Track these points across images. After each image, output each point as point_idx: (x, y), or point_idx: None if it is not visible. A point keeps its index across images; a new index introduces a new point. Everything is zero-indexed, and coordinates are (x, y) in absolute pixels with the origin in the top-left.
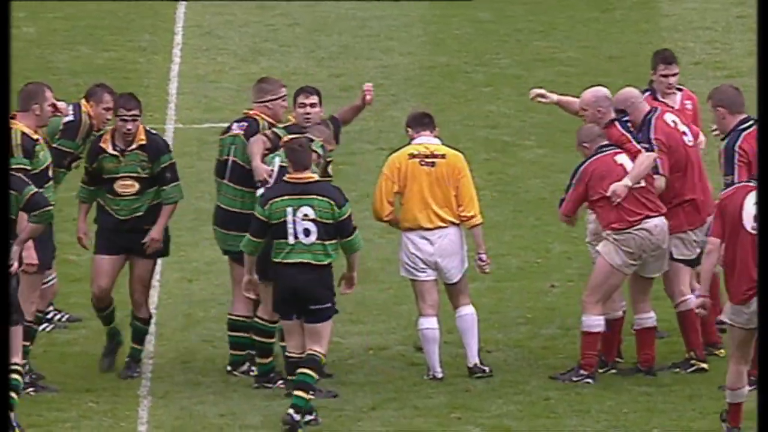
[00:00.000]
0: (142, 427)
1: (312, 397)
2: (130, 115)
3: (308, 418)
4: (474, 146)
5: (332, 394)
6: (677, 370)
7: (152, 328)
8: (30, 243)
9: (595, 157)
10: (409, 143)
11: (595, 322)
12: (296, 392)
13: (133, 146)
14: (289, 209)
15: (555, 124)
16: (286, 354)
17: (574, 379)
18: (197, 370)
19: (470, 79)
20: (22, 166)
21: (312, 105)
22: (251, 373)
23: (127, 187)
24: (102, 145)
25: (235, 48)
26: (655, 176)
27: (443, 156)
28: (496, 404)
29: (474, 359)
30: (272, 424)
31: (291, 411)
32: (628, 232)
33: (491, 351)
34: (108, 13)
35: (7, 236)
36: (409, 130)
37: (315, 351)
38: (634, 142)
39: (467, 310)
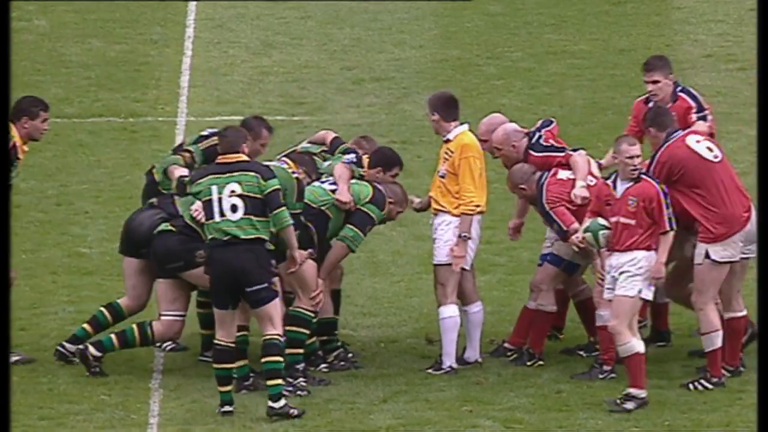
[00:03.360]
0: (153, 420)
1: (281, 381)
2: None
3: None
4: None
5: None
6: (581, 353)
7: None
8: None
9: (545, 191)
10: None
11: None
12: (269, 382)
13: None
14: (214, 188)
15: (567, 117)
16: (215, 341)
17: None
18: (208, 363)
19: (482, 72)
20: None
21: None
22: None
23: None
24: None
25: (247, 41)
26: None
27: None
28: (507, 397)
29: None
30: (282, 416)
31: (270, 402)
32: None
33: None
34: (119, 6)
35: (8, 236)
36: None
37: (271, 335)
38: (555, 153)
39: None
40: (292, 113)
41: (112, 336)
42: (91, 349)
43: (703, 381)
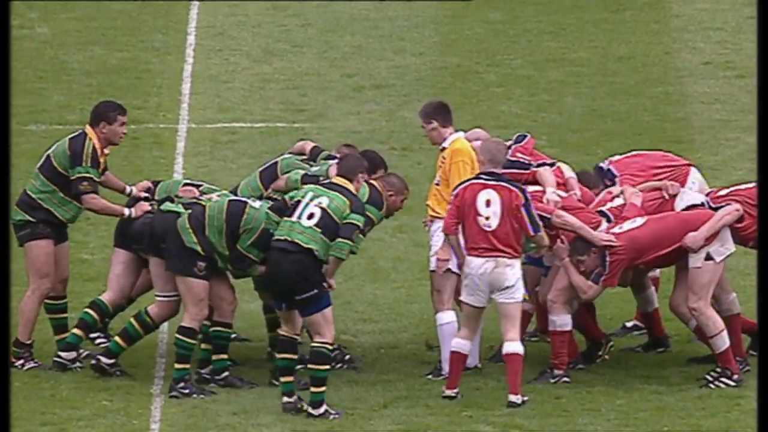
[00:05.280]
0: (155, 426)
1: (323, 390)
2: None
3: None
4: None
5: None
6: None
7: (164, 326)
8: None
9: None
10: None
11: (566, 320)
12: (311, 388)
13: None
14: (310, 193)
15: (566, 125)
16: (279, 332)
17: (552, 381)
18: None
19: (482, 79)
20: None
21: None
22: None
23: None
24: None
25: (248, 48)
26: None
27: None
28: (507, 402)
29: None
30: (284, 422)
31: (310, 409)
32: None
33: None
34: (121, 14)
35: (7, 235)
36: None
37: (318, 343)
38: (520, 170)
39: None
40: (293, 120)
41: (116, 338)
42: (103, 360)
43: (724, 379)
